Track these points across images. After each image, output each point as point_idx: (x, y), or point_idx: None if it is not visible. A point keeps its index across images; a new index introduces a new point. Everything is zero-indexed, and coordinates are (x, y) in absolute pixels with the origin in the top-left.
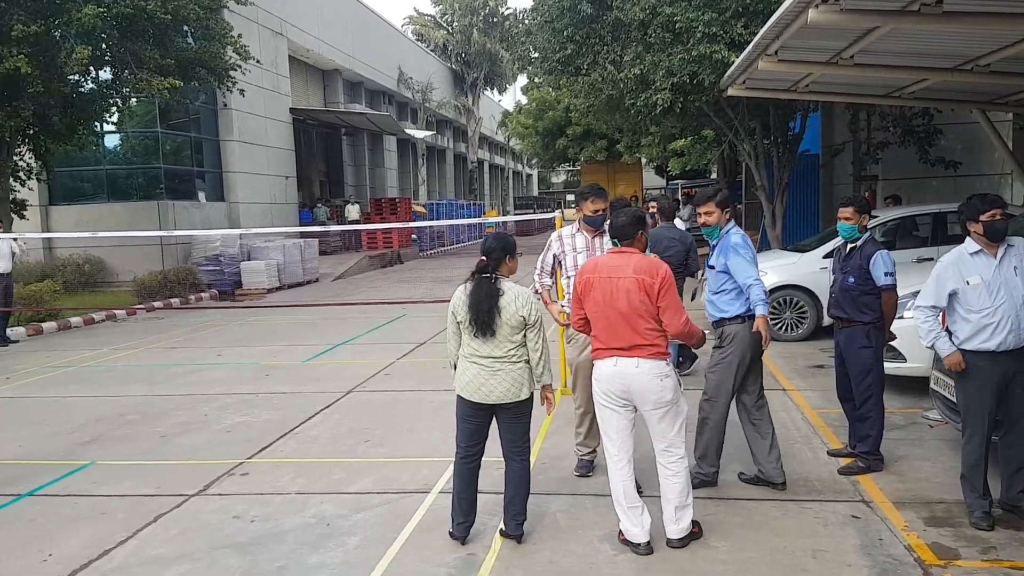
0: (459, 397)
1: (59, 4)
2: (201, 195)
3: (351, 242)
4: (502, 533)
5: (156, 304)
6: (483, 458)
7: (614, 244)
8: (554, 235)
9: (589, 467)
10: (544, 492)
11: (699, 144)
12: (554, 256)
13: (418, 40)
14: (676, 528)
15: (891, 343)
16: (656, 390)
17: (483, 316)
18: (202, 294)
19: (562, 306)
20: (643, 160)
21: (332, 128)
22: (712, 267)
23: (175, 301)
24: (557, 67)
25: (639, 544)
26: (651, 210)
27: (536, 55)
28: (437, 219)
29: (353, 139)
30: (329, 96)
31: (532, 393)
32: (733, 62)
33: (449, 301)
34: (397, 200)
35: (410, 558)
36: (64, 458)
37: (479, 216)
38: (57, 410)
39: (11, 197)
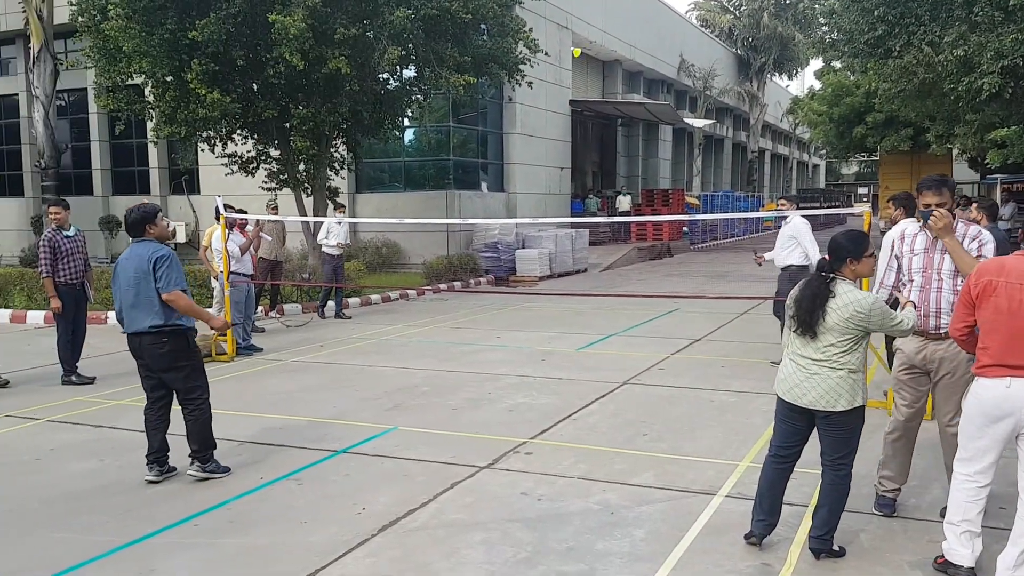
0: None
1: (374, 8)
2: (483, 185)
3: (620, 233)
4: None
5: (441, 286)
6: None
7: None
8: (893, 235)
9: (892, 507)
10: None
11: None
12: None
13: (702, 26)
14: (1010, 574)
15: None
16: None
17: (803, 315)
18: (480, 279)
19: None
20: (954, 151)
21: (608, 119)
22: None
23: (457, 284)
24: (864, 49)
25: (961, 567)
26: (973, 212)
27: (839, 37)
28: (711, 211)
29: (628, 129)
30: (607, 87)
31: (857, 408)
32: None
33: (723, 298)
34: (669, 191)
35: (699, 558)
36: (372, 421)
37: (757, 209)
38: (364, 377)
39: (327, 185)
